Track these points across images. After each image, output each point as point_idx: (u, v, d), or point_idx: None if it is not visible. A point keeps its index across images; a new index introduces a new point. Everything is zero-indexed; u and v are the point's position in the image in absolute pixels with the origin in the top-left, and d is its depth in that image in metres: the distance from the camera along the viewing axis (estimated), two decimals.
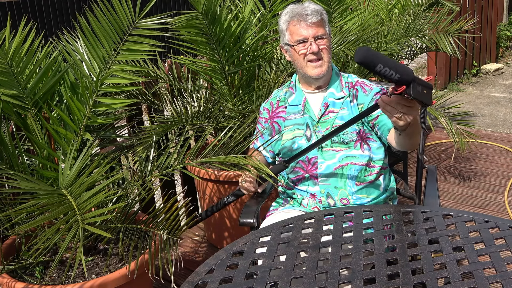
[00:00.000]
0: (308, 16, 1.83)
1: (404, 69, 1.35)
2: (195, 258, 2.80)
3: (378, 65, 1.34)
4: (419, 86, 1.36)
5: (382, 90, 1.92)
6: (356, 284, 1.19)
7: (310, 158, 1.88)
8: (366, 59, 1.34)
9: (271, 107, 2.03)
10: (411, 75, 1.35)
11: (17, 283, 1.77)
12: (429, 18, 3.50)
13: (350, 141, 1.86)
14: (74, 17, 7.30)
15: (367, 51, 1.35)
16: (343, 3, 3.05)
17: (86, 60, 1.98)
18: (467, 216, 1.48)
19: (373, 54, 1.34)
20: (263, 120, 2.05)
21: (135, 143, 2.18)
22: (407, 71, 1.35)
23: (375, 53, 1.35)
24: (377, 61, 1.34)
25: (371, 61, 1.34)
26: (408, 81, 1.35)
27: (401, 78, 1.35)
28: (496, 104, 5.31)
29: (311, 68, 1.87)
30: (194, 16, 2.27)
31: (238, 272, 1.28)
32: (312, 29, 1.83)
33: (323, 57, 1.86)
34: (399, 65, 1.35)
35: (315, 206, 1.88)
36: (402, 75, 1.35)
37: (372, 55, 1.34)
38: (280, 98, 2.02)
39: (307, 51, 1.85)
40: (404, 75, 1.35)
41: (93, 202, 1.50)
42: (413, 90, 1.35)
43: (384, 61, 1.34)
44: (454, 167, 3.77)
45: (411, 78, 1.35)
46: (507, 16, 7.46)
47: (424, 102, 1.39)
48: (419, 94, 1.36)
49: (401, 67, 1.35)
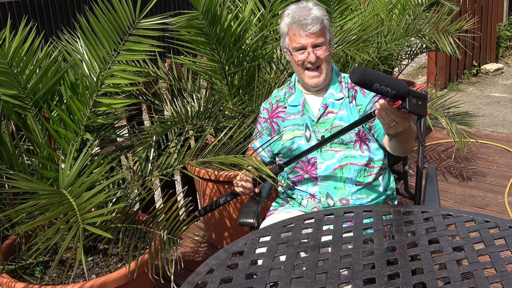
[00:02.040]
0: (308, 25, 1.80)
1: (398, 84, 1.37)
2: (195, 258, 2.80)
3: (374, 84, 1.36)
4: (414, 98, 1.39)
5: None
6: (356, 284, 1.19)
7: (310, 159, 1.88)
8: (364, 78, 1.36)
9: (270, 107, 2.03)
10: (406, 89, 1.37)
11: (17, 283, 1.77)
12: (429, 18, 3.50)
13: (350, 141, 1.86)
14: (74, 17, 7.30)
15: (363, 71, 1.36)
16: (343, 3, 3.05)
17: (86, 60, 1.98)
18: (467, 216, 1.48)
19: (370, 74, 1.36)
20: (263, 120, 2.05)
21: (135, 143, 2.18)
22: (402, 85, 1.37)
23: (371, 72, 1.37)
24: (374, 80, 1.36)
25: (368, 81, 1.36)
26: (404, 95, 1.38)
27: (397, 93, 1.37)
28: (496, 104, 5.31)
29: (308, 77, 1.88)
30: (194, 16, 2.27)
31: (238, 272, 1.28)
32: (311, 38, 1.82)
33: (321, 66, 1.86)
34: (394, 80, 1.37)
35: (315, 206, 1.88)
36: (397, 91, 1.37)
37: (369, 75, 1.36)
38: (279, 98, 2.02)
39: (305, 60, 1.85)
40: (399, 90, 1.37)
41: (94, 202, 1.50)
42: (409, 104, 1.38)
43: (379, 79, 1.36)
44: (454, 167, 3.77)
45: (406, 92, 1.37)
46: (507, 16, 7.46)
47: (420, 114, 1.41)
48: (414, 107, 1.39)
49: (395, 83, 1.37)
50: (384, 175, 1.92)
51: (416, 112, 1.40)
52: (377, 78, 1.36)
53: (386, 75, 1.38)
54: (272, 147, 2.01)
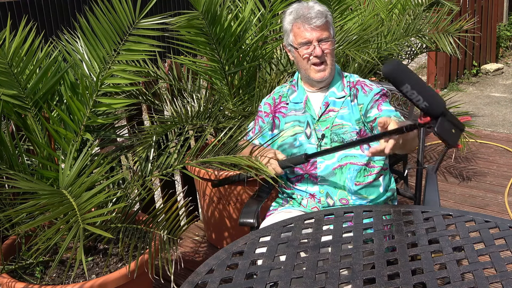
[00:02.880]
0: (313, 19, 1.81)
1: (434, 99, 1.19)
2: (195, 258, 2.80)
3: (405, 84, 1.19)
4: (448, 123, 1.20)
5: (382, 90, 1.92)
6: (356, 284, 1.19)
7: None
8: (393, 73, 1.20)
9: (273, 102, 2.04)
10: (440, 108, 1.19)
11: (17, 283, 1.77)
12: (429, 18, 3.50)
13: (350, 140, 1.86)
14: (74, 17, 7.30)
15: (398, 65, 1.20)
16: (343, 3, 3.04)
17: (86, 60, 1.98)
18: (467, 216, 1.48)
19: (403, 71, 1.20)
20: (264, 114, 2.04)
21: (135, 143, 2.18)
22: (438, 101, 1.19)
23: (405, 70, 1.20)
24: (406, 80, 1.19)
25: (398, 77, 1.19)
26: (436, 114, 1.19)
27: (429, 108, 1.19)
28: (496, 104, 5.31)
29: (314, 71, 1.88)
30: (194, 16, 2.27)
31: (238, 272, 1.28)
32: (317, 32, 1.83)
33: (326, 61, 1.87)
34: (431, 92, 1.19)
35: (315, 206, 1.88)
36: (430, 105, 1.18)
37: (401, 71, 1.20)
38: (283, 93, 2.03)
39: (310, 55, 1.85)
40: (433, 105, 1.19)
41: (94, 202, 1.50)
42: (439, 126, 1.18)
43: (413, 82, 1.19)
44: (454, 167, 3.77)
45: (440, 111, 1.19)
46: (507, 16, 7.46)
47: (448, 143, 1.22)
48: (445, 132, 1.19)
49: (431, 95, 1.19)
50: (385, 175, 1.92)
51: (445, 138, 1.20)
52: (410, 80, 1.19)
53: (422, 82, 1.21)
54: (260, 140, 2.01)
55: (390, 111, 1.85)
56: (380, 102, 1.88)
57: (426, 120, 1.21)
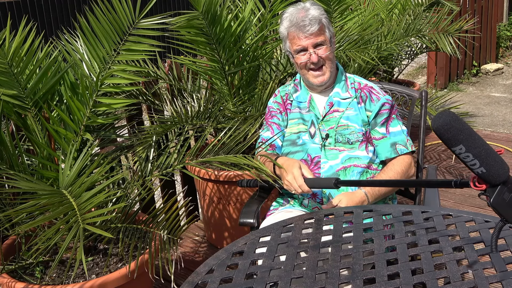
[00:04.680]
0: (306, 27, 1.80)
1: (495, 165, 0.99)
2: (195, 258, 2.80)
3: (459, 145, 0.98)
4: (509, 194, 0.99)
5: (390, 101, 1.91)
6: (356, 284, 1.19)
7: (314, 157, 1.88)
8: (447, 130, 0.98)
9: (281, 100, 2.04)
10: (502, 177, 0.99)
11: (17, 283, 1.77)
12: (429, 18, 3.50)
13: (356, 141, 1.86)
14: (74, 17, 7.29)
15: (450, 120, 0.98)
16: (343, 3, 3.04)
17: (86, 60, 1.98)
18: (467, 216, 1.48)
19: (458, 128, 0.98)
20: (277, 111, 2.03)
21: (135, 143, 2.18)
22: (500, 169, 0.99)
23: (460, 127, 0.98)
24: (460, 139, 0.98)
25: (452, 137, 0.98)
26: (496, 183, 1.00)
27: (487, 175, 0.99)
28: (496, 104, 5.31)
29: (313, 76, 1.89)
30: (194, 16, 2.27)
31: (238, 272, 1.28)
32: (311, 39, 1.82)
33: (324, 65, 1.87)
34: (492, 156, 0.99)
35: (316, 206, 1.88)
36: (489, 172, 0.99)
37: (456, 129, 0.98)
38: (288, 91, 2.04)
39: (307, 61, 1.85)
40: (492, 173, 0.99)
41: (94, 202, 1.50)
42: (496, 197, 0.99)
43: (469, 142, 0.98)
44: (454, 167, 3.77)
45: (501, 181, 0.99)
46: (507, 16, 7.46)
47: (503, 217, 1.02)
48: (502, 205, 1.00)
49: (492, 161, 0.99)
50: None
51: (501, 212, 1.00)
52: (466, 140, 0.98)
53: (482, 141, 0.99)
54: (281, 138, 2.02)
55: (396, 135, 1.89)
56: (389, 120, 1.90)
57: (481, 187, 1.02)
